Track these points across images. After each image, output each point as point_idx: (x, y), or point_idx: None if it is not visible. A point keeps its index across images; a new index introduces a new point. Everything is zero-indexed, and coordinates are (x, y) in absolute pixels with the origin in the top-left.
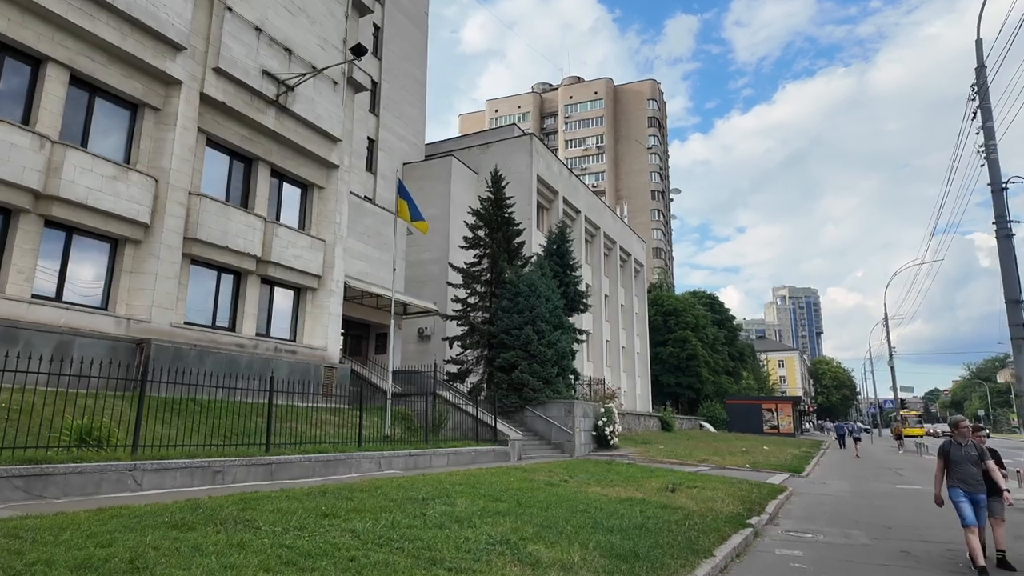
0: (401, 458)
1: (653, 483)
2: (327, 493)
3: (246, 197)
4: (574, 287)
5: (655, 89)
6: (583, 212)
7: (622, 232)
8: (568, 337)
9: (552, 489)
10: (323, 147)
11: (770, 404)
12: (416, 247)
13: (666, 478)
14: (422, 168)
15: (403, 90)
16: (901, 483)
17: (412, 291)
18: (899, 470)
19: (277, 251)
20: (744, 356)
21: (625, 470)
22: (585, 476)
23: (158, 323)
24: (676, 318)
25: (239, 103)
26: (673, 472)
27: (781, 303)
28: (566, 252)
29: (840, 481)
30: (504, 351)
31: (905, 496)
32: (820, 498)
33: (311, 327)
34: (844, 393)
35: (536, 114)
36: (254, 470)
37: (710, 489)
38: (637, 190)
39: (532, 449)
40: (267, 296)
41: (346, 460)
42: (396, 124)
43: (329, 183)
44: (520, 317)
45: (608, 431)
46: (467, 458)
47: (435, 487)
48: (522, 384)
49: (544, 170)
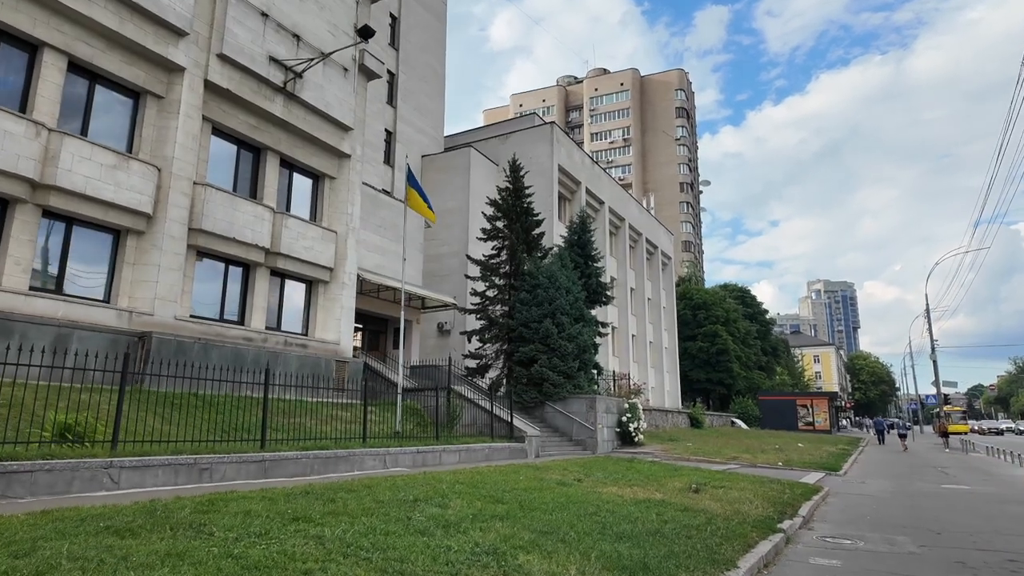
0: (408, 455)
1: (675, 483)
2: (310, 493)
3: (254, 187)
4: (596, 278)
5: (683, 79)
6: (607, 203)
7: (648, 224)
8: (590, 330)
9: (562, 489)
10: (334, 136)
11: (805, 400)
12: (435, 240)
13: (690, 477)
14: (441, 160)
15: (421, 82)
16: (947, 483)
17: (432, 285)
18: (944, 468)
19: (287, 243)
20: (778, 351)
21: (647, 469)
22: (602, 475)
23: (161, 316)
24: (706, 312)
25: (245, 90)
26: (699, 471)
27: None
28: (587, 242)
29: (881, 480)
30: (523, 345)
31: (953, 497)
32: (859, 499)
33: (323, 320)
34: (883, 389)
35: (561, 107)
36: (245, 467)
37: (737, 489)
38: (665, 182)
39: (552, 446)
40: (277, 289)
41: (348, 457)
42: (414, 116)
43: (341, 173)
44: (539, 310)
45: (632, 428)
46: (480, 455)
47: (433, 486)
48: (542, 379)
49: (565, 159)
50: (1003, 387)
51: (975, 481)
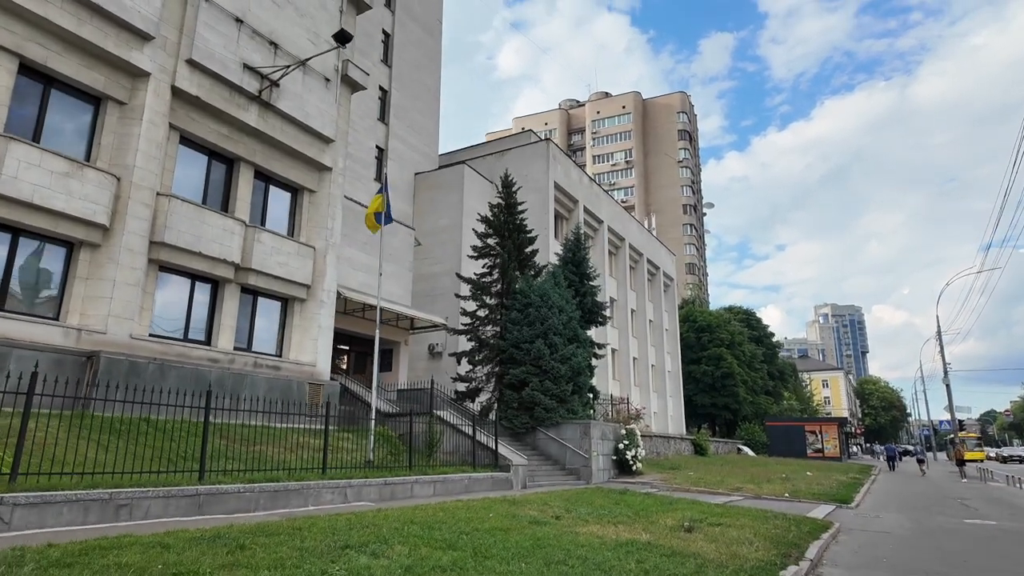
0: (374, 487)
1: (667, 519)
2: (221, 538)
3: (226, 200)
4: (591, 297)
5: (685, 102)
6: (606, 222)
7: (649, 244)
8: (584, 351)
9: (534, 530)
10: (313, 147)
11: (814, 426)
12: (428, 259)
13: (686, 512)
14: (433, 178)
15: (415, 99)
16: (971, 517)
17: (424, 306)
18: (964, 500)
19: (259, 258)
20: (785, 375)
21: (639, 502)
22: (586, 510)
23: (115, 334)
24: (710, 334)
25: (217, 98)
26: (696, 504)
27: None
28: (582, 260)
29: (896, 514)
30: (514, 367)
31: (981, 536)
32: (874, 537)
33: (299, 341)
34: (893, 415)
35: (563, 130)
36: (175, 503)
37: (737, 527)
38: (668, 204)
39: (542, 475)
40: (249, 307)
41: (301, 490)
42: (407, 133)
43: (321, 186)
44: (531, 330)
45: (630, 455)
46: (458, 487)
47: (378, 528)
48: (533, 403)
49: (562, 177)
50: (1017, 412)
51: (1001, 515)
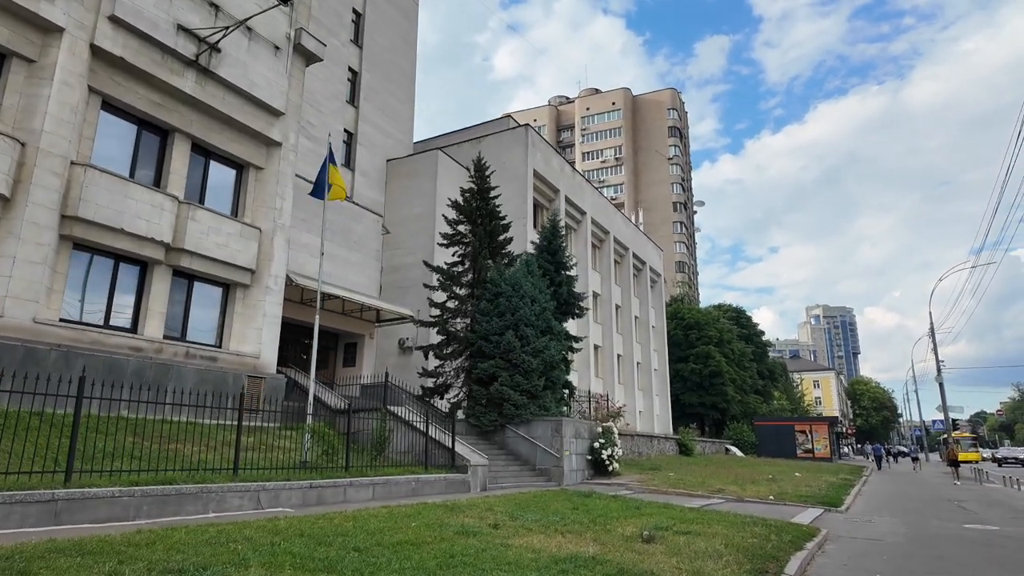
0: (297, 491)
1: (627, 527)
2: (8, 559)
3: (159, 174)
4: (567, 288)
5: (675, 98)
6: (589, 214)
7: (636, 238)
8: (558, 344)
9: (456, 543)
10: (260, 120)
11: (804, 426)
12: (399, 249)
13: (651, 518)
14: (406, 164)
15: (388, 82)
16: (970, 521)
17: (395, 298)
18: (961, 503)
19: (194, 238)
20: (775, 374)
21: (602, 506)
22: (536, 516)
23: (14, 318)
24: (698, 332)
25: (146, 61)
26: (668, 509)
27: (815, 322)
28: (558, 248)
29: (890, 518)
30: (482, 360)
31: (984, 543)
32: (865, 546)
33: (241, 330)
34: (885, 415)
35: (552, 126)
36: (21, 511)
37: (707, 536)
38: (658, 202)
39: (508, 477)
40: (183, 292)
41: (199, 495)
42: (379, 118)
43: (270, 163)
44: (501, 321)
45: (605, 455)
46: (403, 490)
47: (249, 544)
48: (502, 399)
49: (542, 165)
50: (1009, 413)
51: (1003, 519)
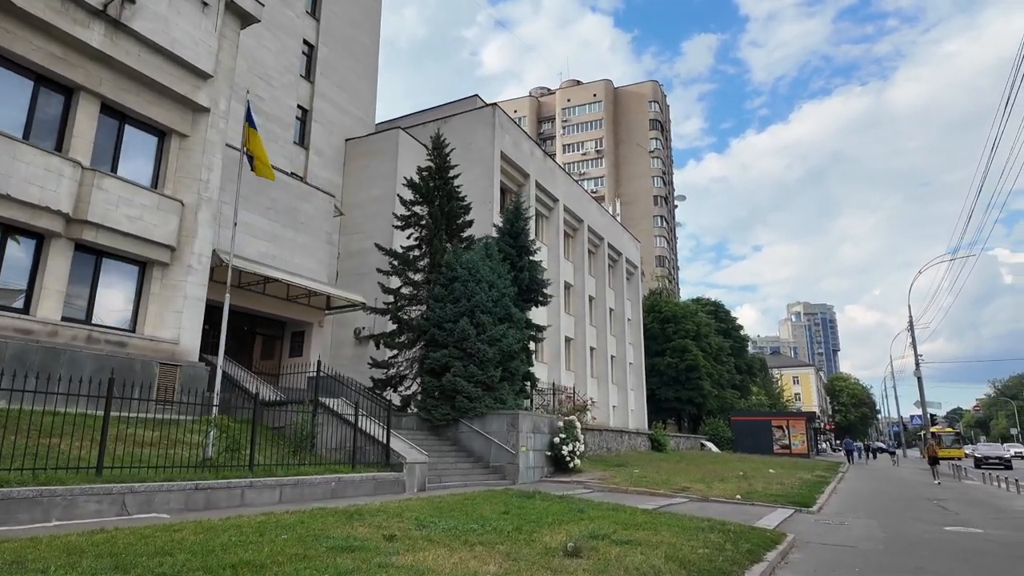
0: (179, 493)
1: (556, 536)
2: None
3: (62, 137)
4: (529, 273)
5: (657, 91)
6: (562, 201)
7: (611, 228)
8: (518, 333)
9: (320, 563)
10: (185, 83)
11: (781, 421)
12: (358, 234)
13: (593, 524)
14: (366, 144)
15: (348, 58)
16: (951, 523)
17: (352, 285)
18: (941, 502)
19: (100, 209)
20: (753, 369)
21: (540, 510)
22: (449, 525)
23: None
24: (675, 325)
25: (42, 8)
26: (617, 511)
27: (796, 319)
28: (521, 231)
29: (865, 520)
30: (435, 350)
31: (968, 549)
32: (836, 555)
33: (158, 313)
34: (863, 411)
35: (533, 118)
36: None
37: (649, 546)
38: (639, 196)
39: (455, 475)
40: (89, 269)
41: (38, 499)
42: (337, 94)
43: (196, 130)
44: (455, 307)
45: (566, 451)
46: (320, 491)
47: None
48: (455, 391)
49: (511, 148)
50: (985, 410)
51: (985, 520)
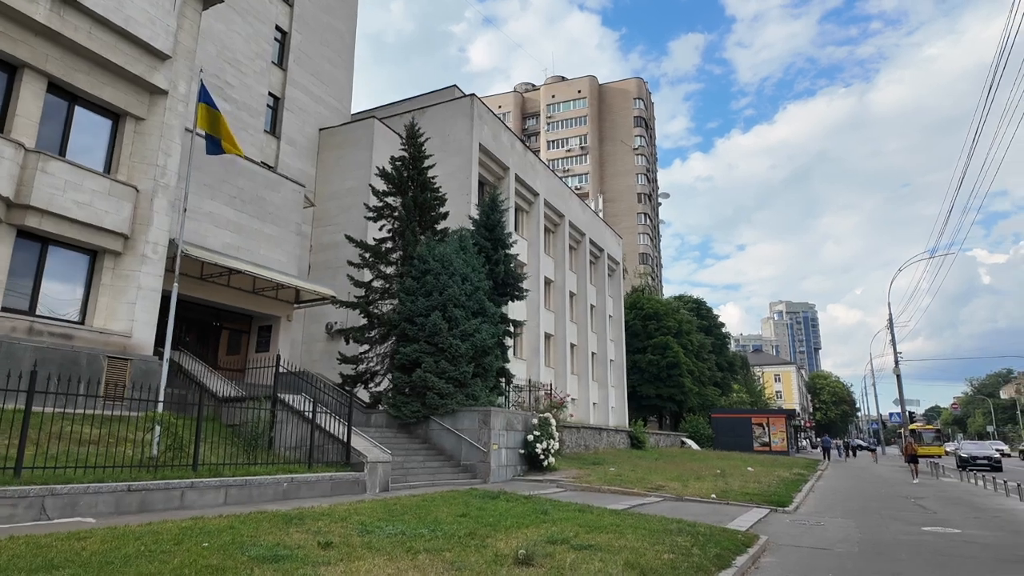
0: (109, 495)
1: (511, 541)
2: None
3: (3, 117)
4: (505, 266)
5: (641, 88)
6: (542, 195)
7: (593, 224)
8: (492, 328)
9: (235, 574)
10: (140, 63)
11: (761, 418)
12: (331, 226)
13: (555, 527)
14: (340, 134)
15: (322, 45)
16: (929, 523)
17: (325, 278)
18: (919, 500)
19: (45, 194)
20: (734, 366)
21: (501, 511)
22: (397, 530)
23: None
24: (657, 322)
25: None
26: (584, 513)
27: (779, 318)
28: (497, 224)
29: (842, 520)
30: (406, 344)
31: (947, 551)
32: (810, 558)
33: (109, 305)
34: (843, 409)
35: (517, 114)
36: None
37: (611, 552)
38: (623, 192)
39: (422, 474)
40: (33, 257)
41: None
42: (311, 83)
43: (152, 114)
44: (427, 301)
45: (540, 449)
46: (271, 492)
47: None
48: (425, 387)
49: (490, 140)
50: (963, 407)
51: (964, 520)
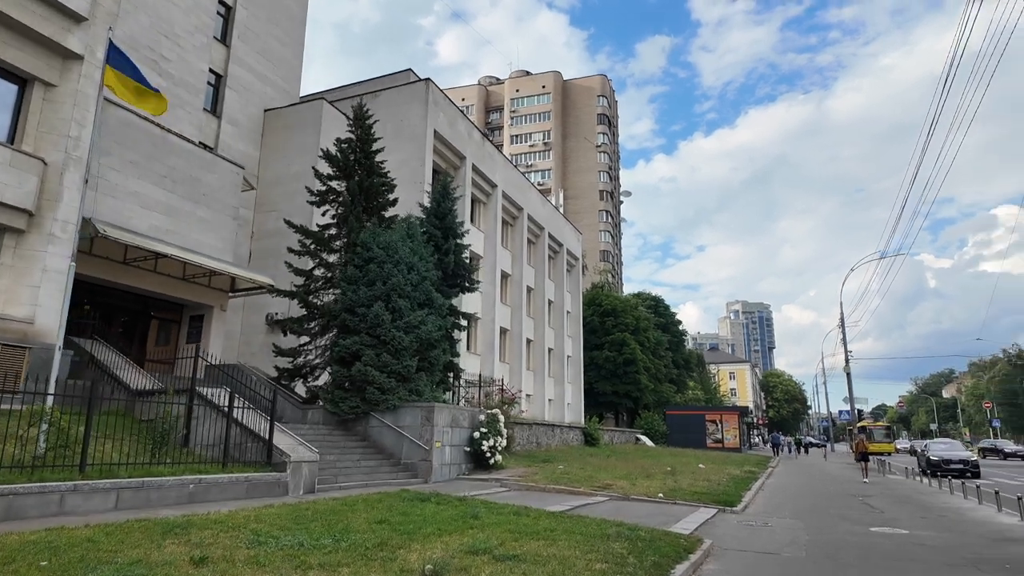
0: None
1: (425, 553)
2: None
3: None
4: (455, 256)
5: (605, 85)
6: (500, 187)
7: (552, 218)
8: (439, 320)
9: None
10: (51, 24)
11: (714, 415)
12: (274, 212)
13: (483, 533)
14: (287, 115)
15: (270, 23)
16: (877, 523)
17: (267, 266)
18: (867, 499)
19: None
20: (690, 364)
21: (425, 516)
22: (295, 540)
23: None
24: (615, 319)
25: None
26: (520, 516)
27: (735, 317)
28: (448, 212)
29: (790, 520)
30: (346, 336)
31: (894, 554)
32: (756, 562)
33: (9, 288)
34: (795, 407)
35: (481, 107)
36: None
37: (537, 561)
38: (585, 189)
39: (357, 474)
40: None
41: None
42: (256, 61)
43: (66, 80)
44: (370, 290)
45: (486, 446)
46: (173, 495)
47: None
48: (366, 381)
49: (446, 127)
50: (908, 405)
51: (912, 520)
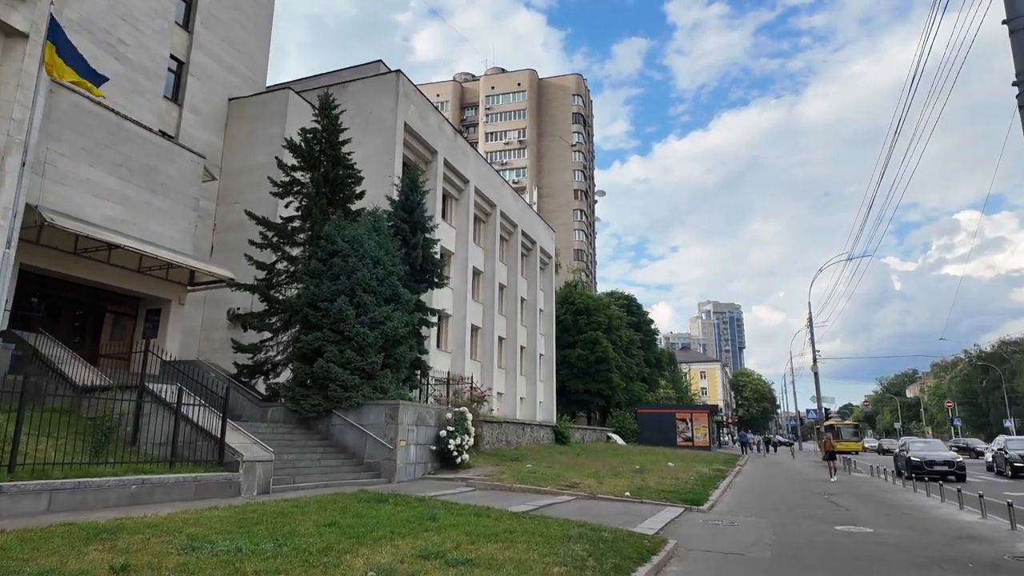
0: None
1: (374, 557)
2: None
3: None
4: (423, 251)
5: (580, 84)
6: (473, 183)
7: (526, 216)
8: (406, 315)
9: None
10: None
11: (684, 414)
12: (238, 204)
13: (439, 535)
14: (252, 105)
15: (236, 10)
16: (842, 521)
17: (230, 260)
18: (832, 497)
19: None
20: (662, 363)
21: (380, 519)
22: (233, 546)
23: None
24: (587, 317)
25: None
26: (481, 517)
27: (706, 317)
28: (416, 205)
29: (756, 519)
30: (308, 332)
31: (858, 553)
32: (720, 563)
33: None
34: (764, 406)
35: (456, 103)
36: None
37: (491, 566)
38: (559, 188)
39: (316, 473)
40: None
41: None
42: (221, 49)
43: (8, 59)
44: (333, 285)
45: (453, 445)
46: (114, 497)
47: None
48: (328, 378)
49: (417, 121)
50: (873, 405)
51: (875, 518)
